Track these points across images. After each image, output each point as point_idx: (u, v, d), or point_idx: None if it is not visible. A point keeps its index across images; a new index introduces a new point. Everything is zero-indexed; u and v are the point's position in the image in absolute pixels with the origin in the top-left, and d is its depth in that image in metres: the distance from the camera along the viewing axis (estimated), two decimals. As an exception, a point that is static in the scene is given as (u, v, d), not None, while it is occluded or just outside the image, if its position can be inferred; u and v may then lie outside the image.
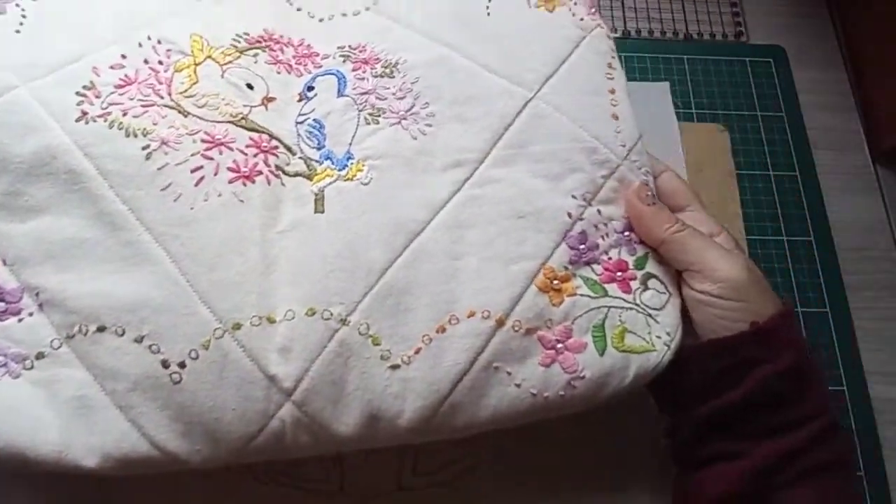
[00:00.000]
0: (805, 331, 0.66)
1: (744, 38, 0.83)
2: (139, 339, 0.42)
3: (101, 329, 0.43)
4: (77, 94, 0.48)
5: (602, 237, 0.49)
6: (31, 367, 0.43)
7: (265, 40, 0.55)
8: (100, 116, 0.47)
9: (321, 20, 0.59)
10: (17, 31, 0.51)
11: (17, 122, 0.47)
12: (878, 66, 0.78)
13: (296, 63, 0.55)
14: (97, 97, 0.48)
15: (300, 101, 0.53)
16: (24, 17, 0.52)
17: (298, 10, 0.59)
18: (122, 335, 0.43)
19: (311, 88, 0.53)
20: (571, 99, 0.53)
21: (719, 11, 0.85)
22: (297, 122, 0.52)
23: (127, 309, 0.43)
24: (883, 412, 0.64)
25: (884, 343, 0.67)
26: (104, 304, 0.43)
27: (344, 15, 0.59)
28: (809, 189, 0.74)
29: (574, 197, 0.50)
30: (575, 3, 0.59)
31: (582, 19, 0.58)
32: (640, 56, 0.79)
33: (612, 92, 0.55)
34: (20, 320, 0.43)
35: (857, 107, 0.79)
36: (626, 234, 0.50)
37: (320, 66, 0.55)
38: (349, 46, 0.56)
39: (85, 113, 0.47)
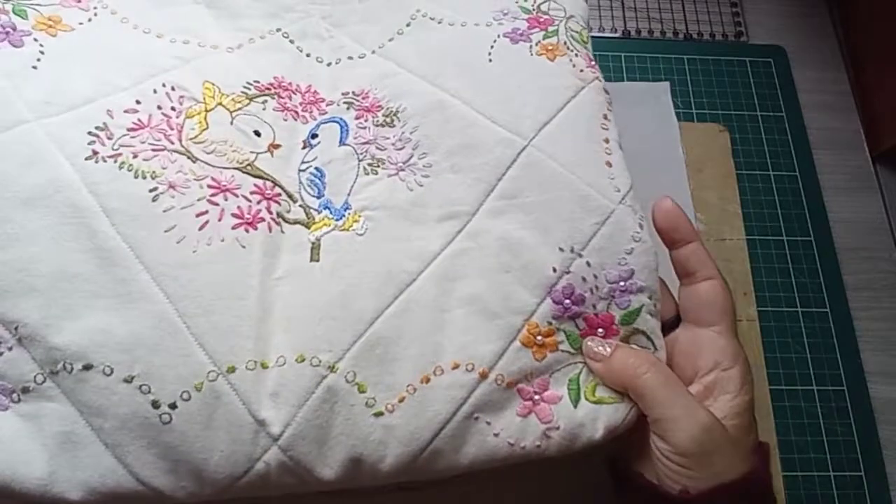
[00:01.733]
0: (805, 331, 0.67)
1: (744, 38, 0.84)
2: (129, 379, 0.43)
3: (87, 367, 0.43)
4: (89, 133, 0.49)
5: (591, 290, 0.49)
6: (19, 401, 0.43)
7: (274, 87, 0.56)
8: (110, 157, 0.48)
9: (329, 64, 0.60)
10: (34, 67, 0.51)
11: (23, 154, 0.47)
12: (878, 66, 0.79)
13: (302, 110, 0.56)
14: (109, 138, 0.49)
15: (304, 148, 0.54)
16: (41, 52, 0.52)
17: (308, 55, 0.60)
18: (111, 374, 0.43)
19: (314, 136, 0.55)
20: (565, 146, 0.53)
21: (719, 11, 0.85)
22: (300, 170, 0.53)
23: (117, 348, 0.43)
24: (883, 412, 0.64)
25: (884, 343, 0.68)
26: (92, 341, 0.43)
27: (350, 58, 0.60)
28: (809, 189, 0.74)
29: (561, 249, 0.50)
30: (576, 55, 0.60)
31: (581, 70, 0.58)
32: (640, 56, 0.80)
33: (607, 141, 0.55)
34: (0, 354, 0.43)
35: (857, 107, 0.80)
36: (621, 283, 0.49)
37: (325, 113, 0.57)
38: (353, 93, 0.58)
39: (96, 152, 0.48)
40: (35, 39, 0.53)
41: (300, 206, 0.51)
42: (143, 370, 0.43)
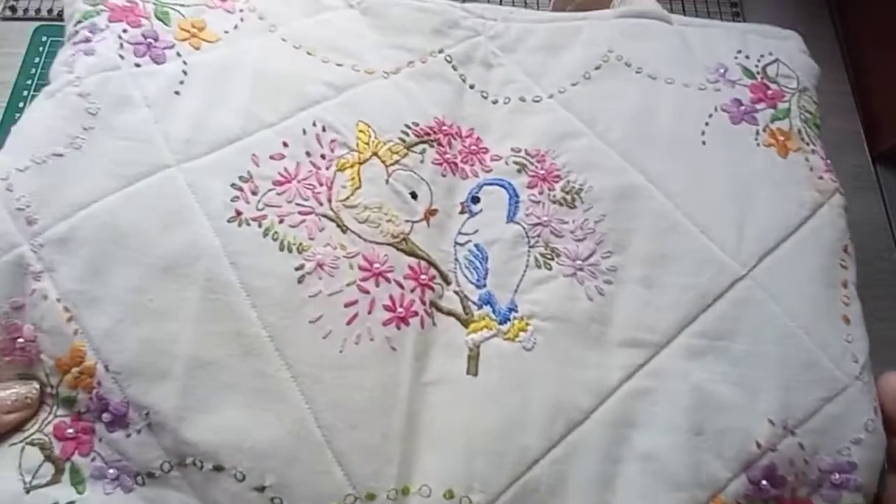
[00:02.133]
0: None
1: (744, 38, 0.84)
2: (260, 489, 0.38)
3: (217, 468, 0.38)
4: (233, 185, 0.42)
5: (796, 475, 0.40)
6: (143, 484, 0.39)
7: (434, 132, 0.48)
8: (254, 220, 0.42)
9: (495, 102, 0.50)
10: (177, 93, 0.44)
11: (166, 210, 0.41)
12: (878, 66, 0.78)
13: (462, 161, 0.48)
14: (253, 193, 0.43)
15: (462, 212, 0.46)
16: (185, 73, 0.45)
17: (472, 86, 0.50)
18: (242, 481, 0.38)
19: (476, 199, 0.47)
20: (792, 286, 0.43)
21: (719, 11, 0.84)
22: (457, 243, 0.45)
23: (250, 454, 0.38)
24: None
25: (884, 343, 0.70)
26: (225, 442, 0.38)
27: (522, 100, 0.50)
28: (810, 190, 0.76)
29: (772, 423, 0.40)
30: (812, 151, 0.48)
31: (820, 177, 0.47)
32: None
33: (845, 286, 0.44)
34: (128, 435, 0.39)
35: (857, 107, 0.80)
36: (836, 476, 0.40)
37: (489, 170, 0.48)
38: (525, 152, 0.48)
39: (239, 213, 0.42)
40: (178, 54, 0.46)
41: (455, 291, 0.44)
42: (276, 482, 0.38)
